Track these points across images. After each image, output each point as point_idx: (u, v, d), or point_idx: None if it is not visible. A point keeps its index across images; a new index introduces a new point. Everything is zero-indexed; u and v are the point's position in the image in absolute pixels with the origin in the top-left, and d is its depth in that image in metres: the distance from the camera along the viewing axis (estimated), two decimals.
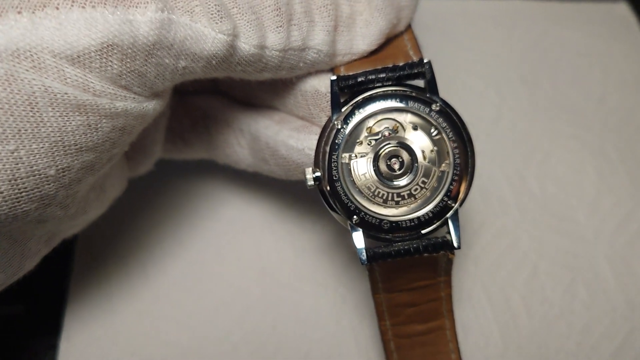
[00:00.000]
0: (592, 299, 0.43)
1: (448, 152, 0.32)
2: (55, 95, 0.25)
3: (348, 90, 0.32)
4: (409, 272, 0.33)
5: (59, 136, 0.26)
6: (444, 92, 0.51)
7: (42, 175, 0.26)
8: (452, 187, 0.32)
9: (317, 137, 0.33)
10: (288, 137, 0.34)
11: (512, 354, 0.41)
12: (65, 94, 0.25)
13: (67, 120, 0.26)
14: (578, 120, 0.50)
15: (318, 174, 0.32)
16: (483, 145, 0.49)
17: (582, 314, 0.43)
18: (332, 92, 0.32)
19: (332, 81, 0.32)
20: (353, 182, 0.32)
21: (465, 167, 0.32)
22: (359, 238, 0.32)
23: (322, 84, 0.33)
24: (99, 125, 0.27)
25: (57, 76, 0.25)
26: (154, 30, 0.26)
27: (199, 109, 0.39)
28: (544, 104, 0.50)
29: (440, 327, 0.35)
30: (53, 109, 0.25)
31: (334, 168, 0.31)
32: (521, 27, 0.53)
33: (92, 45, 0.25)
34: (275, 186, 0.46)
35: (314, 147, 0.33)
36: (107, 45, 0.26)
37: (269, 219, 0.45)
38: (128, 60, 0.26)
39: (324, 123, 0.33)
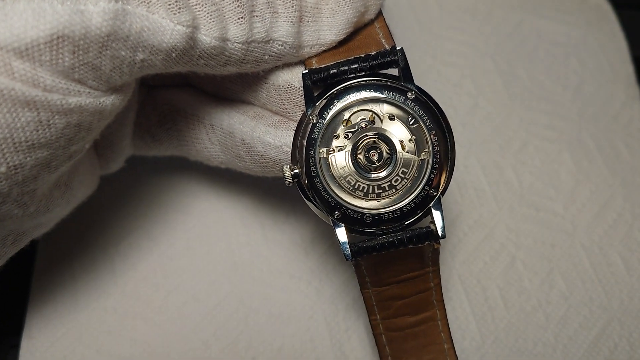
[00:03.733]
0: (570, 289, 0.43)
1: (427, 140, 0.31)
2: (1, 90, 0.24)
3: (321, 83, 0.32)
4: (395, 264, 0.33)
5: (8, 133, 0.25)
6: (420, 82, 0.51)
7: None
8: (433, 175, 0.31)
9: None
10: (265, 133, 0.33)
11: (490, 346, 0.41)
12: (13, 89, 0.24)
13: (15, 117, 0.25)
14: (555, 109, 0.49)
15: (296, 170, 0.31)
16: (459, 135, 0.48)
17: (560, 305, 0.42)
18: (305, 86, 0.31)
19: (303, 75, 0.31)
20: (332, 176, 0.31)
21: (445, 155, 0.31)
22: (341, 233, 0.31)
23: (295, 78, 0.33)
24: (51, 122, 0.26)
25: (3, 70, 0.24)
26: (108, 21, 0.25)
27: (168, 103, 0.38)
28: (520, 94, 0.50)
29: (431, 317, 0.35)
30: (0, 105, 0.24)
31: (312, 164, 0.31)
32: (497, 17, 0.53)
33: (40, 37, 0.24)
34: (247, 178, 0.44)
35: (291, 143, 0.32)
36: (57, 37, 0.24)
37: (241, 211, 0.44)
38: (80, 52, 0.25)
39: (299, 118, 0.32)
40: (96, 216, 0.43)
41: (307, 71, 0.32)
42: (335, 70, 0.31)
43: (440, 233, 0.31)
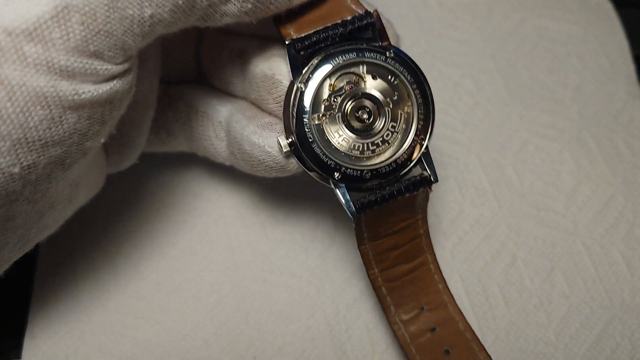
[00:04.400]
0: (571, 288, 0.42)
1: (409, 94, 0.33)
2: (12, 87, 0.24)
3: (304, 52, 0.33)
4: (391, 216, 0.34)
5: (21, 133, 0.24)
6: None
7: (7, 174, 0.25)
8: (419, 126, 0.33)
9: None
10: (252, 133, 0.34)
11: (491, 345, 0.40)
12: (24, 85, 0.24)
13: (28, 116, 0.24)
14: (555, 108, 0.49)
15: (292, 139, 0.32)
16: (460, 134, 0.48)
17: (561, 304, 0.42)
18: (290, 56, 0.32)
19: (287, 45, 0.32)
20: (327, 140, 0.32)
21: (427, 106, 0.33)
22: (344, 193, 0.33)
23: (269, 67, 0.34)
24: (63, 118, 0.25)
25: (16, 58, 0.23)
26: None
27: (183, 99, 0.39)
28: (521, 93, 0.50)
29: (423, 262, 0.37)
30: (12, 104, 0.24)
31: (308, 130, 0.32)
32: (498, 16, 0.53)
33: (46, 13, 0.24)
34: (247, 178, 0.45)
35: (275, 145, 0.33)
36: (62, 8, 0.24)
37: (242, 211, 0.44)
38: (89, 20, 0.24)
39: (272, 108, 0.34)
40: (98, 216, 0.43)
41: (290, 41, 0.32)
42: (316, 38, 0.32)
43: (433, 178, 0.33)
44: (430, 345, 0.37)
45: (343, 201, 0.32)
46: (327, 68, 0.32)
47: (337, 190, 0.33)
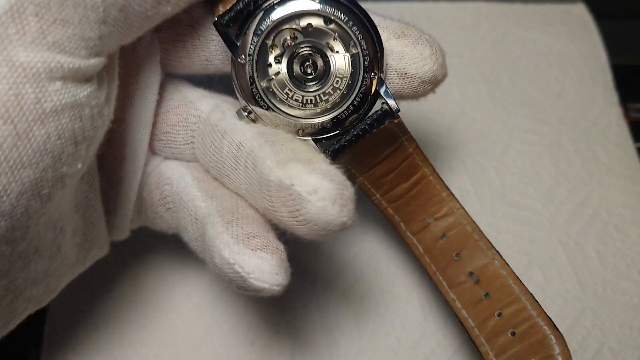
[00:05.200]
0: (547, 281, 0.45)
1: (348, 34, 0.32)
2: None
3: (233, 24, 0.31)
4: (372, 149, 0.35)
5: None
6: None
7: None
8: (367, 63, 0.32)
9: (258, 255, 0.30)
10: (224, 245, 0.30)
11: None
12: None
13: None
14: (536, 115, 0.52)
15: (250, 109, 0.33)
16: (445, 139, 0.51)
17: (537, 295, 0.44)
18: (221, 34, 0.31)
19: (215, 24, 0.31)
20: (281, 101, 0.33)
21: (370, 38, 0.32)
22: (313, 147, 0.33)
23: (288, 176, 0.29)
24: (30, 134, 0.23)
25: None
26: None
27: (170, 183, 0.35)
28: (504, 101, 0.53)
29: (422, 177, 0.37)
30: None
31: (260, 99, 0.32)
32: (483, 28, 0.56)
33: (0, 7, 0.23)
34: None
35: (248, 266, 0.30)
36: (16, 1, 0.23)
37: None
38: (43, 10, 0.23)
39: (285, 221, 0.30)
40: None
41: (216, 19, 0.31)
42: (240, 6, 0.31)
43: (394, 109, 0.32)
44: (441, 253, 0.37)
45: None
46: (260, 32, 0.31)
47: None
